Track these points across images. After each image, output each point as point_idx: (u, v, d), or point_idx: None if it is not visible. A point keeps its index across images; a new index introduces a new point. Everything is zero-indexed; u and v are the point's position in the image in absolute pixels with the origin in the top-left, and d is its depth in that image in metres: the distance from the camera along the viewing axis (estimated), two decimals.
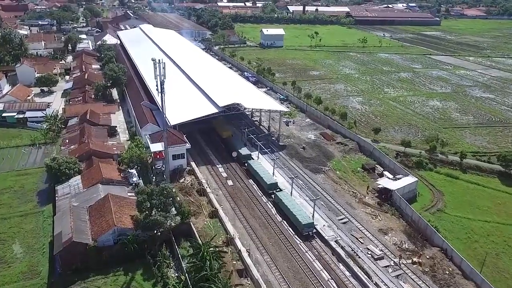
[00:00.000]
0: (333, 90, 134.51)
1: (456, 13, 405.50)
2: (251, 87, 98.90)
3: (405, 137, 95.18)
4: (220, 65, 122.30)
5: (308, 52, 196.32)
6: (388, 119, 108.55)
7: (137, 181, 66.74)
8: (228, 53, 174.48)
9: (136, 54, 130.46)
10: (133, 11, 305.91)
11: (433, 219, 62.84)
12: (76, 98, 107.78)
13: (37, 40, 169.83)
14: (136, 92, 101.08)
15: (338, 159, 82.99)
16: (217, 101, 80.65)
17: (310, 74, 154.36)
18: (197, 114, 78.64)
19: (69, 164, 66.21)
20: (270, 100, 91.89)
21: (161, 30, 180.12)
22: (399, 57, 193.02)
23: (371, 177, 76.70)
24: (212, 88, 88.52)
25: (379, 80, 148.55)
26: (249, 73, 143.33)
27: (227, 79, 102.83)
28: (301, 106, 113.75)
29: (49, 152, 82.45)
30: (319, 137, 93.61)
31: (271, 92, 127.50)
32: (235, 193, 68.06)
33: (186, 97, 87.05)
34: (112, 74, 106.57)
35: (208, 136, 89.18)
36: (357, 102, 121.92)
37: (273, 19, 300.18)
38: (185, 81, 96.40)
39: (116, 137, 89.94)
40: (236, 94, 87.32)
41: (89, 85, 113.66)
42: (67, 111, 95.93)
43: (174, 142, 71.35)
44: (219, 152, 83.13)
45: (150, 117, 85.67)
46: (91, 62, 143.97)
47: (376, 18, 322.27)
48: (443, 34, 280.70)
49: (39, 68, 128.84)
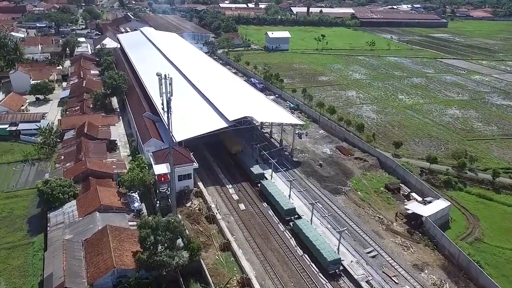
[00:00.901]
0: (344, 97, 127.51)
1: (461, 14, 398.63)
2: (262, 98, 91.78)
3: (427, 150, 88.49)
4: (227, 72, 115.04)
5: (315, 56, 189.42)
6: (406, 130, 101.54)
7: (139, 207, 59.83)
8: (232, 57, 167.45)
9: (137, 60, 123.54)
10: (134, 12, 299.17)
11: (472, 251, 55.81)
12: (74, 107, 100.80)
13: (33, 44, 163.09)
14: (138, 102, 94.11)
15: (358, 177, 75.95)
16: (226, 114, 73.65)
17: (319, 79, 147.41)
18: (205, 129, 71.69)
19: (63, 187, 59.23)
20: (283, 112, 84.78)
21: (162, 33, 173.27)
22: (410, 61, 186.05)
23: (397, 198, 69.66)
24: (220, 99, 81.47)
25: (392, 86, 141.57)
26: (256, 79, 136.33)
27: (236, 88, 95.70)
28: (313, 116, 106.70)
29: (43, 169, 75.52)
30: (335, 152, 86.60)
31: (280, 100, 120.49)
32: (248, 220, 61.04)
33: (192, 109, 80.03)
34: (112, 82, 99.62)
35: (215, 150, 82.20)
36: (372, 111, 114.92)
37: (277, 20, 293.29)
38: (191, 91, 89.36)
39: (116, 152, 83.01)
40: (246, 106, 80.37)
41: (87, 93, 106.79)
42: (63, 123, 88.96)
43: (180, 162, 64.37)
44: (229, 169, 76.14)
45: (153, 130, 78.69)
46: (90, 68, 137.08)
47: (382, 19, 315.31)
48: (451, 36, 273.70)
49: (35, 75, 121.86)
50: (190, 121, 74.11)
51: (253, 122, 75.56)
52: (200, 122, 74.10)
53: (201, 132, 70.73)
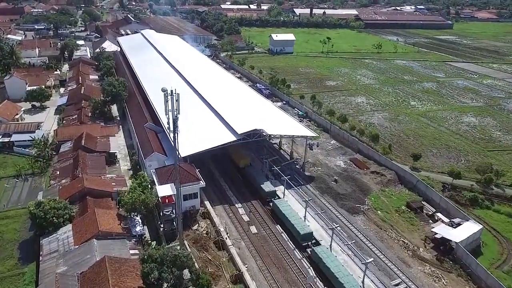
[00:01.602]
0: (354, 103, 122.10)
1: (466, 15, 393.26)
2: (271, 107, 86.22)
3: (447, 162, 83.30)
4: (233, 78, 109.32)
5: (321, 59, 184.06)
6: (422, 139, 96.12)
7: (141, 231, 54.39)
8: (236, 61, 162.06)
9: (138, 65, 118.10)
10: (134, 14, 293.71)
11: (510, 281, 50.39)
12: (71, 116, 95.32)
13: (31, 47, 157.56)
14: (139, 111, 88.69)
15: (377, 194, 70.52)
16: (234, 126, 68.21)
17: (326, 84, 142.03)
18: (212, 143, 66.27)
19: (57, 210, 53.80)
20: (294, 123, 79.22)
21: (164, 36, 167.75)
22: (418, 65, 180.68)
23: (420, 218, 64.24)
24: (227, 109, 75.98)
25: (403, 92, 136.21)
26: (262, 84, 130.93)
27: (243, 96, 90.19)
28: (323, 125, 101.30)
29: (37, 185, 70.13)
30: (349, 165, 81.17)
31: (287, 107, 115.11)
32: (261, 245, 55.61)
33: (197, 120, 74.62)
34: (112, 90, 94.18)
35: (222, 164, 76.80)
36: (384, 119, 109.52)
37: (280, 22, 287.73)
38: (196, 100, 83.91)
39: (116, 165, 77.69)
40: (255, 117, 74.97)
41: (86, 100, 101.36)
42: (60, 134, 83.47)
43: (186, 180, 58.98)
44: (237, 186, 70.72)
45: (155, 143, 73.26)
46: (89, 72, 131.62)
47: (386, 21, 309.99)
48: (458, 38, 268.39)
49: (31, 80, 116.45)
50: (195, 134, 68.67)
51: (263, 134, 70.05)
52: (206, 135, 68.66)
53: (208, 146, 65.31)
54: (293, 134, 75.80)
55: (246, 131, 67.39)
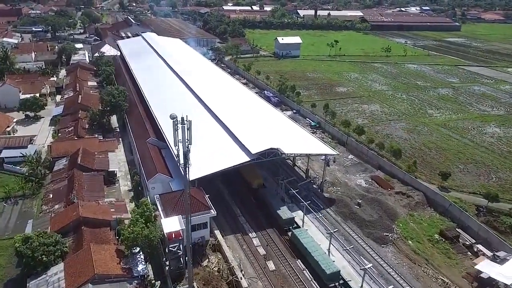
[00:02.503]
0: (368, 112, 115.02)
1: (472, 16, 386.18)
2: (285, 121, 78.99)
3: (476, 180, 76.38)
4: (242, 88, 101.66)
5: (329, 63, 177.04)
6: (445, 153, 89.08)
7: (144, 271, 47.31)
8: (241, 66, 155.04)
9: (139, 72, 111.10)
10: (135, 15, 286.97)
11: None
12: (67, 128, 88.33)
13: (26, 51, 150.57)
14: (140, 124, 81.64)
15: (405, 220, 63.46)
16: (248, 145, 61.14)
17: (337, 91, 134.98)
18: (222, 164, 59.23)
19: (47, 247, 46.79)
20: (312, 139, 71.90)
21: (166, 39, 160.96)
22: (430, 69, 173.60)
23: (457, 250, 57.18)
24: (239, 124, 68.87)
25: (418, 99, 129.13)
26: (270, 91, 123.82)
27: (254, 109, 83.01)
28: (338, 137, 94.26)
29: (28, 210, 63.15)
30: (371, 184, 74.16)
31: (298, 116, 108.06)
32: (281, 287, 48.53)
33: (206, 137, 67.45)
34: (111, 100, 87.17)
35: (233, 184, 69.75)
36: (402, 129, 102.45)
37: (284, 24, 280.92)
38: (203, 114, 76.78)
39: (115, 185, 70.70)
40: (270, 133, 67.94)
41: (83, 110, 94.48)
42: (54, 149, 76.40)
43: (195, 209, 51.95)
44: (250, 210, 63.69)
45: (158, 162, 66.25)
46: (87, 78, 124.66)
47: (393, 23, 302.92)
48: (467, 40, 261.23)
49: (25, 88, 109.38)
50: (204, 153, 61.51)
51: (279, 153, 62.98)
52: (216, 155, 61.59)
53: (218, 168, 58.28)
54: (312, 153, 68.66)
55: (261, 151, 60.31)
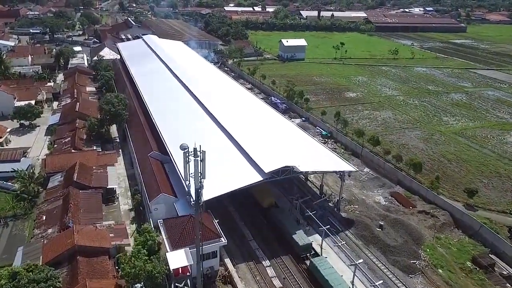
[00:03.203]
0: (380, 119, 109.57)
1: (477, 17, 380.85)
2: (298, 133, 73.17)
3: (504, 197, 70.91)
4: (249, 95, 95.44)
5: (335, 66, 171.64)
6: (466, 165, 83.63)
7: None
8: (246, 70, 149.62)
9: (140, 77, 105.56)
10: (135, 16, 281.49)
11: None
12: (63, 139, 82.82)
13: (23, 54, 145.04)
14: (141, 135, 76.14)
15: (432, 244, 57.95)
16: (261, 163, 55.64)
17: (346, 96, 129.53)
18: (233, 184, 53.72)
19: (38, 283, 41.31)
20: (329, 154, 66.15)
21: (167, 42, 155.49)
22: (440, 73, 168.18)
23: (494, 281, 51.66)
24: (249, 139, 63.28)
25: (431, 105, 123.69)
26: (277, 97, 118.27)
27: (265, 120, 77.29)
28: (351, 147, 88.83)
29: (19, 233, 57.78)
30: (391, 201, 68.68)
31: (308, 125, 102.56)
32: None
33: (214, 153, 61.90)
34: (110, 109, 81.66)
35: (242, 204, 64.21)
36: (417, 138, 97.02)
37: (287, 25, 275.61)
38: (210, 126, 71.06)
39: (115, 204, 65.31)
40: (283, 148, 62.43)
41: (81, 119, 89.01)
42: (49, 163, 70.78)
43: (204, 238, 46.36)
44: (262, 233, 58.22)
45: (162, 180, 60.79)
46: (86, 83, 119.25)
47: (398, 24, 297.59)
48: (474, 42, 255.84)
49: (20, 94, 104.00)
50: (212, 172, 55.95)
51: (294, 171, 57.49)
52: (226, 174, 56.05)
53: (228, 189, 52.77)
54: (329, 170, 63.15)
55: (275, 169, 54.81)
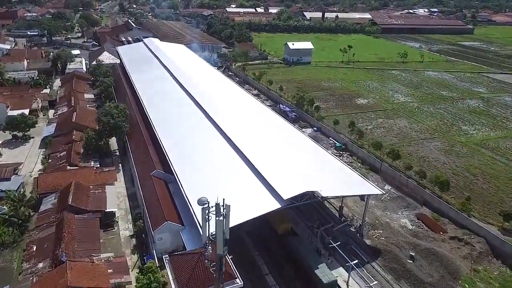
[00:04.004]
0: (396, 128, 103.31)
1: (483, 19, 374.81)
2: (317, 149, 66.58)
3: None
4: (263, 107, 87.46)
5: (343, 71, 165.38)
6: (494, 181, 77.37)
7: None
8: (251, 74, 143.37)
9: (142, 85, 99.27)
10: (135, 18, 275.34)
11: None
12: (59, 152, 76.60)
13: (18, 58, 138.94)
14: (143, 151, 69.85)
15: (470, 278, 51.64)
16: (279, 188, 49.34)
17: (357, 103, 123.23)
18: (248, 213, 47.40)
19: None
20: (353, 175, 59.46)
21: (169, 46, 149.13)
22: (452, 77, 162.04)
23: None
24: (264, 159, 56.79)
25: (447, 112, 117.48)
26: (286, 105, 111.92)
27: (280, 135, 70.88)
28: (369, 161, 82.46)
29: (6, 266, 51.47)
30: (418, 225, 62.38)
31: (320, 135, 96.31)
32: None
33: (226, 176, 55.79)
34: (109, 121, 75.38)
35: (255, 229, 57.76)
36: (437, 150, 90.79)
37: (291, 27, 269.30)
38: (220, 142, 64.68)
39: (114, 229, 59.07)
40: (302, 169, 56.15)
41: (78, 130, 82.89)
42: (42, 183, 64.38)
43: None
44: (279, 265, 51.88)
45: (166, 205, 54.58)
46: (84, 90, 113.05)
47: (404, 25, 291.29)
48: (483, 44, 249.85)
49: (14, 103, 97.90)
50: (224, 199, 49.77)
51: (315, 196, 51.21)
52: (240, 200, 49.44)
53: (243, 219, 46.41)
54: (354, 194, 56.87)
55: (294, 195, 48.50)
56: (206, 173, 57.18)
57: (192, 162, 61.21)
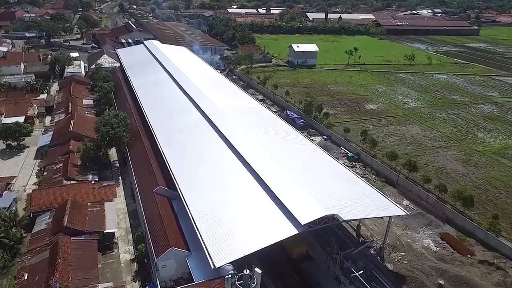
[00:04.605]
0: (408, 136, 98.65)
1: (487, 20, 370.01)
2: (333, 164, 61.63)
3: None
4: (273, 117, 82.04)
5: (350, 74, 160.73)
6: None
7: None
8: (256, 78, 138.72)
9: (143, 91, 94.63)
10: (135, 19, 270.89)
11: None
12: (55, 164, 71.95)
13: (15, 62, 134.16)
14: (145, 164, 65.15)
15: None
16: (296, 212, 44.59)
17: (366, 108, 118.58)
18: (262, 241, 42.71)
19: None
20: (374, 193, 54.53)
21: (171, 48, 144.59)
22: (462, 80, 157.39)
23: None
24: (278, 178, 51.99)
25: (460, 118, 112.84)
26: (293, 111, 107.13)
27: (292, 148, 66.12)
28: (384, 173, 77.75)
29: None
30: (443, 247, 57.65)
31: (330, 144, 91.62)
32: None
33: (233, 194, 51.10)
34: (109, 131, 70.66)
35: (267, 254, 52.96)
36: (454, 160, 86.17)
37: (294, 28, 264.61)
38: (228, 156, 59.80)
39: (114, 252, 54.43)
40: (319, 188, 51.40)
41: (75, 140, 78.29)
42: (35, 201, 59.49)
43: None
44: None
45: (170, 227, 49.89)
46: (82, 95, 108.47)
47: (408, 26, 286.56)
48: (490, 46, 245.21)
49: (9, 109, 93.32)
50: (234, 225, 45.15)
51: (334, 219, 46.49)
52: (253, 225, 45.10)
53: (257, 247, 41.78)
54: (377, 216, 52.20)
55: (313, 220, 43.79)
56: (214, 191, 52.50)
57: (198, 178, 56.54)
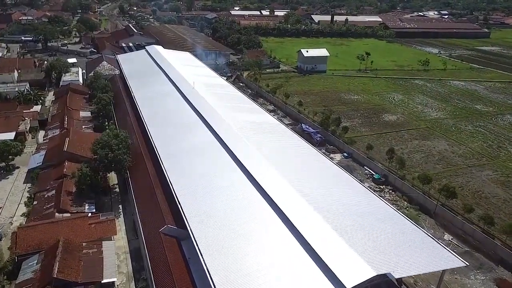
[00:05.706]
0: (435, 152, 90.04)
1: (495, 22, 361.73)
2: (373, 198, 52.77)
3: None
4: (291, 135, 73.21)
5: (363, 80, 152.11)
6: None
7: None
8: (265, 86, 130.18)
9: (145, 103, 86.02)
10: (136, 21, 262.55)
11: None
12: (46, 191, 63.37)
13: (8, 69, 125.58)
14: (150, 197, 56.46)
15: None
16: (339, 272, 35.87)
17: (385, 119, 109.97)
18: None
19: None
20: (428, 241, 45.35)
21: (174, 54, 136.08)
22: (482, 87, 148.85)
23: None
24: (310, 220, 43.30)
25: (488, 131, 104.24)
26: (309, 125, 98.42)
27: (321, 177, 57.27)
28: (419, 201, 69.01)
29: None
30: None
31: (352, 163, 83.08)
32: None
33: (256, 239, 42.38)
34: (107, 154, 62.00)
35: None
36: (491, 182, 77.50)
37: (299, 31, 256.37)
38: (245, 186, 51.25)
39: None
40: (361, 233, 42.61)
41: (70, 161, 69.77)
42: (21, 241, 50.58)
43: None
44: None
45: (180, 278, 41.31)
46: (79, 107, 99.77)
47: (417, 29, 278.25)
48: (503, 49, 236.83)
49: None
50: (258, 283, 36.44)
51: (385, 276, 37.88)
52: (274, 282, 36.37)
53: None
54: (434, 270, 43.42)
55: (361, 282, 35.12)
56: (232, 234, 43.81)
57: (211, 215, 47.85)
